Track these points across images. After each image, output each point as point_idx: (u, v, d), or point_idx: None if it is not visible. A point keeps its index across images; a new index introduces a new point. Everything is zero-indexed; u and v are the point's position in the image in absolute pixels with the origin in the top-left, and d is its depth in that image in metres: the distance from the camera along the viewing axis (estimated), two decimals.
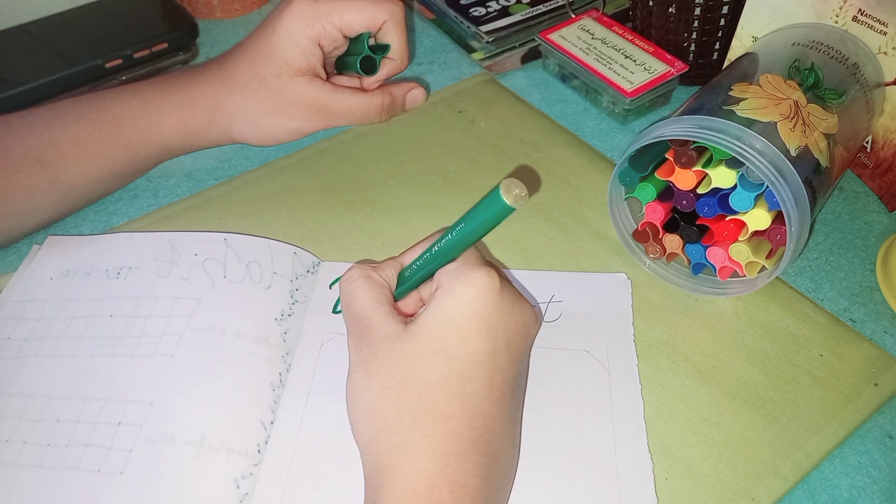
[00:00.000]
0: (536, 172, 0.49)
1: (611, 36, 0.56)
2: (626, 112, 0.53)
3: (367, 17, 0.42)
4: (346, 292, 0.35)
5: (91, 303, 0.40)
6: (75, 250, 0.43)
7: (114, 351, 0.38)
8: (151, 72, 0.58)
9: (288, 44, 0.41)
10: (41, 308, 0.40)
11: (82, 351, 0.38)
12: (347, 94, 0.43)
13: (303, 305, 0.41)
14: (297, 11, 0.42)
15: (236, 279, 0.41)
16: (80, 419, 0.35)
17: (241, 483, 0.33)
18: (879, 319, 0.42)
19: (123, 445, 0.34)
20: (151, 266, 0.41)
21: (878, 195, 0.48)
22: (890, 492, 0.35)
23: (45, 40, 0.56)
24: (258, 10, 0.66)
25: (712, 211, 0.40)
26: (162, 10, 0.60)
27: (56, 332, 0.39)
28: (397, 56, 0.46)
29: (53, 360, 0.38)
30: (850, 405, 0.37)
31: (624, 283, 0.42)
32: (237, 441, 0.34)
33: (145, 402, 0.35)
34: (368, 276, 0.35)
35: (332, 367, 0.38)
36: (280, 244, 0.43)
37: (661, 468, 0.35)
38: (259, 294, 0.40)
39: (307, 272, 0.42)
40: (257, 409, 0.36)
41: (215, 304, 0.39)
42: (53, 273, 0.42)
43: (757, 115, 0.38)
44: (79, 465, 0.34)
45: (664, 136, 0.38)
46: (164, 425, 0.35)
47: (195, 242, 0.42)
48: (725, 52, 0.52)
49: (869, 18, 0.44)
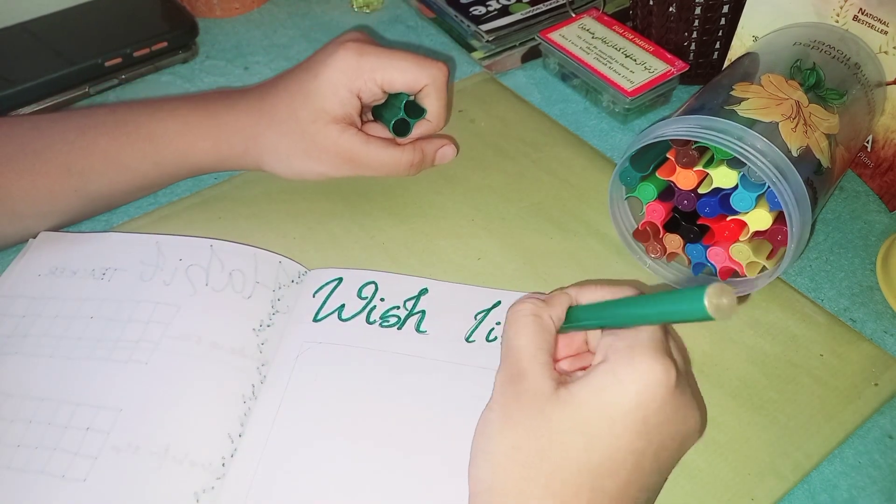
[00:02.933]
0: (537, 172, 0.49)
1: (611, 35, 0.56)
2: (626, 111, 0.53)
3: (409, 79, 0.42)
4: (511, 323, 0.33)
5: (74, 303, 0.40)
6: (66, 248, 0.43)
7: (90, 354, 0.38)
8: (151, 70, 0.58)
9: (328, 92, 0.41)
10: (26, 305, 0.40)
11: (61, 352, 0.38)
12: (379, 147, 0.43)
13: (284, 315, 0.40)
14: (342, 62, 0.41)
15: (218, 287, 0.40)
16: (52, 422, 0.35)
17: (201, 496, 0.33)
18: (879, 319, 0.42)
19: (89, 452, 0.34)
20: (136, 269, 0.41)
21: (878, 195, 0.48)
22: (890, 492, 0.35)
23: (45, 39, 0.56)
24: (258, 9, 0.66)
25: (713, 211, 0.40)
26: (162, 8, 0.60)
27: (38, 331, 0.39)
28: (434, 119, 0.45)
29: (33, 359, 0.38)
30: (850, 405, 0.37)
31: None
32: (201, 454, 0.34)
33: (114, 409, 0.35)
34: (538, 315, 0.32)
35: (305, 377, 0.37)
36: (266, 253, 0.43)
37: None
38: (239, 303, 0.40)
39: (291, 282, 0.42)
40: (226, 421, 0.35)
41: (194, 312, 0.39)
42: (42, 269, 0.42)
43: (758, 115, 0.38)
44: (45, 469, 0.33)
45: (665, 135, 0.38)
46: (131, 434, 0.34)
47: (181, 247, 0.43)
48: (726, 52, 0.52)
49: (869, 18, 0.44)
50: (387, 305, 0.41)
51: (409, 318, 0.40)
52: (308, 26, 0.64)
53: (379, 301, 0.41)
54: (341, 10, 0.66)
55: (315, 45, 0.62)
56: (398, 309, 0.40)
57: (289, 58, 0.61)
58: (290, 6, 0.67)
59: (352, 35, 0.44)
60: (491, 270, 0.43)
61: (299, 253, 0.44)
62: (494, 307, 0.41)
